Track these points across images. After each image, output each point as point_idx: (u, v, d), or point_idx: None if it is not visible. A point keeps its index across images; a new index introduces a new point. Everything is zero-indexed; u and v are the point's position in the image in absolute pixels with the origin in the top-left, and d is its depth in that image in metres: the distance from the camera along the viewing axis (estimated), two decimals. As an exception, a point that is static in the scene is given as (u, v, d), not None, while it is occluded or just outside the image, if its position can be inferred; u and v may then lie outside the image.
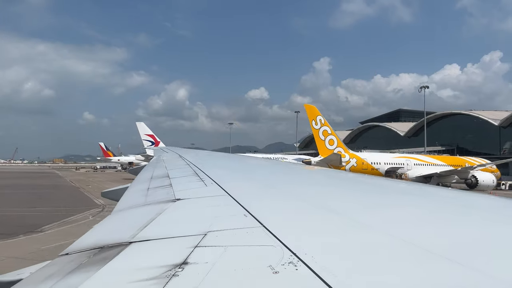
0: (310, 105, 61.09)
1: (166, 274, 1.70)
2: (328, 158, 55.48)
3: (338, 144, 58.01)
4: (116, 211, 3.91)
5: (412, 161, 61.28)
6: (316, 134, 58.14)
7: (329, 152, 56.90)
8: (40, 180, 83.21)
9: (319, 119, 57.81)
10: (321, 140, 57.75)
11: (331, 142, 57.64)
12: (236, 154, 20.89)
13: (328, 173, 7.64)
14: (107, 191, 7.47)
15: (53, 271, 2.09)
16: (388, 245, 2.01)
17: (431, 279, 1.55)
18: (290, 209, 3.14)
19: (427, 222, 2.61)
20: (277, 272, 1.64)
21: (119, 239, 2.47)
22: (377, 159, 60.42)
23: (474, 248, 2.00)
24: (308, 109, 59.64)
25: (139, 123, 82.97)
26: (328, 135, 57.88)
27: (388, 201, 3.63)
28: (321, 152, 57.85)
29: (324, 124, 57.90)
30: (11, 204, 37.11)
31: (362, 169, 56.11)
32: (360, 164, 57.33)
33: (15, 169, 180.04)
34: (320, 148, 58.09)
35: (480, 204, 3.41)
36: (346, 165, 56.21)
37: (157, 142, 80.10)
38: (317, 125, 57.77)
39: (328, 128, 58.11)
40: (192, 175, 6.06)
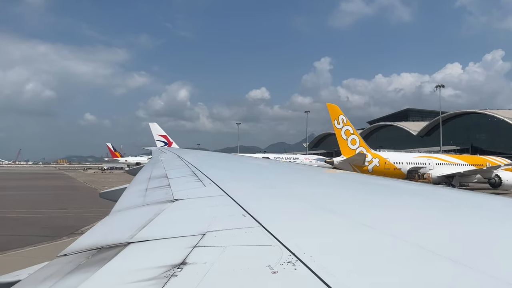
0: (332, 104, 59.85)
1: (165, 274, 1.70)
2: (351, 158, 54.83)
3: (360, 143, 57.09)
4: (115, 212, 3.90)
5: (434, 160, 60.66)
6: (338, 134, 57.17)
7: (351, 152, 56.05)
8: (53, 181, 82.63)
9: (341, 118, 56.84)
10: (343, 140, 56.83)
11: (353, 141, 56.71)
12: (234, 154, 20.82)
13: (328, 173, 7.65)
14: (106, 191, 7.47)
15: (51, 272, 2.08)
16: (388, 245, 2.02)
17: (431, 279, 1.55)
18: (289, 209, 3.15)
19: (427, 222, 2.61)
20: (276, 272, 1.64)
21: (117, 240, 2.46)
22: (399, 158, 59.65)
23: (476, 248, 2.01)
24: (330, 108, 58.49)
25: (152, 124, 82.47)
26: (350, 134, 56.95)
27: (387, 201, 3.64)
28: (343, 152, 56.94)
29: (346, 124, 56.92)
30: (34, 205, 36.65)
31: (384, 169, 55.67)
32: (383, 164, 56.67)
33: (22, 170, 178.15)
34: (342, 148, 57.08)
35: (482, 204, 3.42)
36: (369, 165, 55.57)
37: (170, 143, 79.72)
38: (339, 125, 56.83)
39: (350, 128, 57.15)
40: (191, 176, 6.06)
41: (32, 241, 20.40)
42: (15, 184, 72.63)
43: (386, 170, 56.10)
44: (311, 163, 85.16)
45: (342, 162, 55.94)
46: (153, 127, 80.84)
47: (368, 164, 55.72)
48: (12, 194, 51.31)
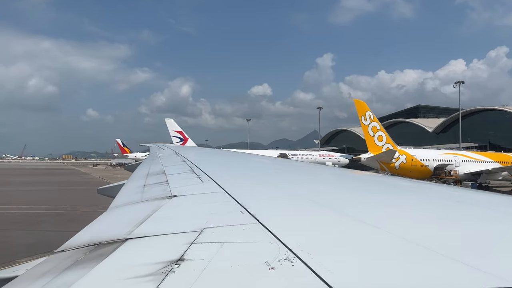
0: (359, 100, 58.98)
1: (163, 270, 1.70)
2: (379, 155, 54.26)
3: (387, 140, 56.24)
4: (112, 208, 3.90)
5: (460, 157, 59.68)
6: (365, 130, 56.32)
7: (378, 148, 55.35)
8: (69, 177, 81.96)
9: (368, 114, 55.91)
10: (370, 136, 56.04)
11: (380, 138, 55.92)
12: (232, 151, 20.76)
13: (327, 170, 7.66)
14: (103, 187, 7.45)
15: (49, 267, 2.08)
16: (385, 242, 2.02)
17: (428, 276, 1.56)
18: (286, 206, 3.15)
19: (425, 220, 2.62)
20: (273, 268, 1.64)
21: (115, 236, 2.46)
22: (426, 155, 58.83)
23: (474, 245, 2.01)
24: (358, 104, 57.57)
25: (168, 119, 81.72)
26: (377, 131, 56.10)
27: (386, 198, 3.65)
28: (370, 149, 56.24)
29: (373, 120, 56.01)
30: (67, 201, 36.11)
31: (411, 166, 55.18)
32: (410, 161, 55.92)
33: (31, 165, 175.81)
34: (370, 144, 56.29)
35: (481, 202, 3.43)
36: (396, 162, 54.90)
37: (186, 139, 79.21)
38: (366, 121, 55.88)
39: (377, 124, 56.29)
40: (189, 172, 6.05)
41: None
42: (35, 179, 71.94)
43: (413, 167, 55.58)
44: (333, 161, 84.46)
45: (369, 159, 55.30)
46: (169, 123, 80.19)
47: (395, 161, 55.00)
48: (39, 189, 50.83)
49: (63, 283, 1.78)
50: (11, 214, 28.39)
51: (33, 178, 75.46)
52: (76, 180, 71.96)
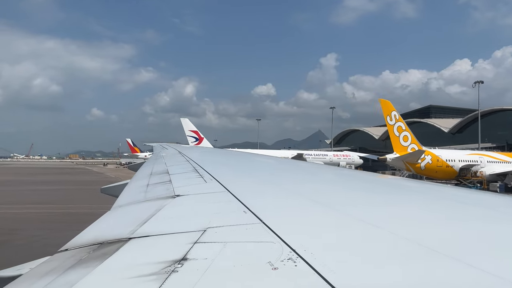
0: (385, 100, 58.29)
1: (166, 270, 1.71)
2: (405, 156, 53.72)
3: (412, 140, 55.69)
4: (116, 207, 3.91)
5: (485, 158, 59.04)
6: (390, 130, 55.78)
7: (403, 148, 54.79)
8: (83, 176, 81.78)
9: (393, 114, 55.41)
10: (396, 136, 55.48)
11: (405, 138, 55.36)
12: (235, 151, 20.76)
13: (330, 170, 7.64)
14: (107, 187, 7.47)
15: (52, 266, 2.09)
16: (389, 242, 2.02)
17: (431, 277, 1.55)
18: (290, 206, 3.15)
19: (428, 220, 2.61)
20: (276, 268, 1.64)
21: (118, 235, 2.47)
22: (451, 156, 58.35)
23: (478, 246, 2.01)
24: (383, 104, 57.05)
25: (184, 119, 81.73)
26: (402, 131, 55.52)
27: (390, 198, 3.64)
28: (396, 149, 55.67)
29: (399, 120, 55.42)
30: (94, 200, 36.23)
31: (437, 167, 54.88)
32: (435, 161, 55.55)
33: (41, 164, 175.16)
34: (395, 144, 55.76)
35: (485, 203, 3.42)
36: (421, 163, 54.46)
37: (201, 138, 79.25)
38: (392, 121, 55.33)
39: (402, 124, 55.66)
40: (192, 172, 6.06)
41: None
42: (51, 178, 72.11)
43: (438, 168, 55.26)
44: (348, 161, 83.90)
45: (395, 159, 54.77)
46: (184, 123, 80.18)
47: (420, 162, 54.52)
48: (63, 188, 51.00)
49: (67, 282, 1.79)
50: (53, 214, 28.22)
51: (47, 177, 75.50)
52: (94, 179, 72.09)
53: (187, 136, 78.98)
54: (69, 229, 22.28)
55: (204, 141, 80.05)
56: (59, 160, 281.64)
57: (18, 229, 22.54)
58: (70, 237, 2.64)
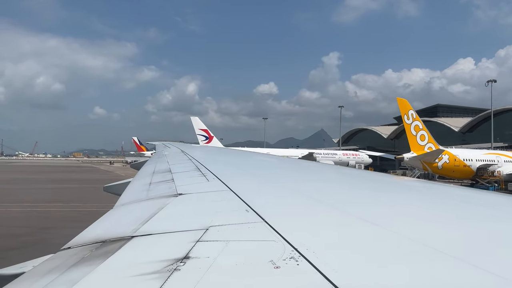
0: (402, 98, 57.69)
1: (168, 268, 1.71)
2: (423, 155, 53.38)
3: (429, 139, 55.16)
4: (118, 206, 3.92)
5: (502, 157, 58.40)
6: (407, 129, 55.16)
7: (420, 147, 54.31)
8: (91, 174, 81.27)
9: (411, 113, 54.75)
10: (413, 136, 54.86)
11: (422, 137, 54.79)
12: (237, 149, 20.76)
13: (332, 169, 7.64)
14: (109, 185, 7.49)
15: (55, 264, 2.10)
16: (391, 242, 2.01)
17: (434, 277, 1.55)
18: (292, 205, 3.15)
19: (431, 220, 2.60)
20: (278, 267, 1.64)
21: (121, 233, 2.48)
22: (468, 155, 57.67)
23: (481, 246, 2.00)
24: (400, 102, 56.46)
25: (194, 118, 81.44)
26: (419, 130, 54.91)
27: (392, 198, 3.63)
28: (413, 148, 55.16)
29: (416, 119, 54.83)
30: (112, 199, 35.81)
31: (454, 166, 54.55)
32: (452, 161, 55.08)
33: (46, 163, 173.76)
34: (412, 144, 55.20)
35: (487, 202, 3.41)
36: (439, 162, 54.15)
37: (211, 137, 79.11)
38: (409, 120, 54.65)
39: (419, 123, 55.03)
40: (194, 170, 6.07)
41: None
42: (65, 176, 71.63)
43: (456, 167, 54.95)
44: (357, 160, 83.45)
45: (412, 159, 54.34)
46: (194, 121, 79.95)
47: (438, 161, 54.21)
48: (78, 187, 51.01)
49: (70, 280, 1.79)
50: (81, 213, 27.78)
51: (63, 175, 75.20)
52: (106, 177, 71.70)
53: (197, 135, 78.86)
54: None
55: (214, 140, 79.86)
56: (64, 159, 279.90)
57: (51, 228, 22.14)
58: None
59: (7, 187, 48.35)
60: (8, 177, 67.32)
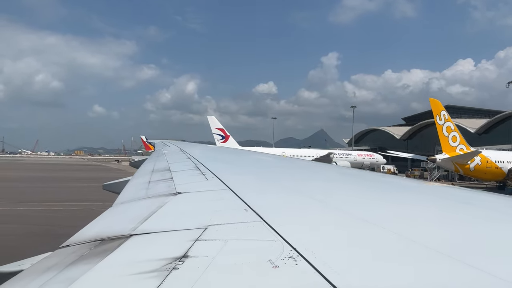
0: (434, 99, 57.00)
1: (166, 267, 1.71)
2: (456, 157, 52.97)
3: (461, 141, 54.80)
4: (117, 204, 3.92)
5: None
6: (439, 130, 54.57)
7: (452, 149, 54.00)
8: (106, 173, 79.82)
9: (443, 114, 54.28)
10: (445, 137, 54.48)
11: (454, 139, 54.40)
12: (236, 149, 20.74)
13: (331, 168, 7.64)
14: (108, 183, 7.48)
15: (54, 262, 2.10)
16: (391, 242, 2.01)
17: (433, 277, 1.55)
18: (291, 204, 3.15)
19: (430, 220, 2.61)
20: (277, 266, 1.64)
21: (120, 232, 2.47)
22: (500, 157, 57.34)
23: (480, 247, 2.00)
24: (433, 103, 55.86)
25: (210, 117, 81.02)
26: (451, 131, 54.47)
27: (391, 198, 3.63)
28: (445, 149, 54.82)
29: (448, 120, 54.32)
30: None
31: (486, 168, 54.39)
32: (484, 163, 54.70)
33: (52, 161, 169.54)
34: (444, 145, 54.86)
35: (487, 203, 3.41)
36: (471, 164, 53.83)
37: (227, 136, 78.87)
38: (441, 121, 54.15)
39: (451, 124, 54.59)
40: (194, 169, 6.07)
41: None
42: (80, 175, 70.38)
43: (487, 169, 54.70)
44: (371, 160, 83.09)
45: (444, 160, 54.17)
46: (211, 120, 79.64)
47: (470, 163, 53.90)
48: (99, 185, 50.97)
49: (68, 278, 1.79)
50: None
51: (78, 174, 74.00)
52: (121, 176, 71.40)
53: (214, 134, 78.59)
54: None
55: (230, 139, 79.58)
56: (69, 157, 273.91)
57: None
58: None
59: (43, 185, 47.66)
60: (29, 175, 65.96)
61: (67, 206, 29.40)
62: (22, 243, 16.83)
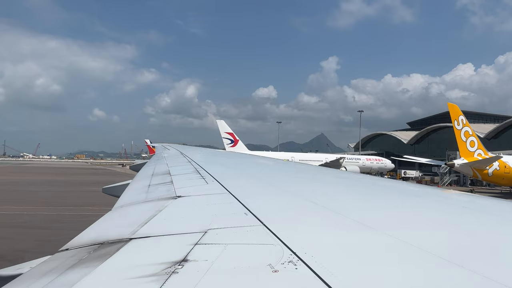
0: (452, 104, 56.62)
1: (166, 271, 1.71)
2: (473, 162, 52.60)
3: (479, 146, 54.49)
4: (117, 207, 3.91)
5: None
6: (457, 135, 54.28)
7: (470, 154, 53.66)
8: (118, 177, 79.23)
9: (461, 119, 53.91)
10: (463, 142, 54.09)
11: (472, 143, 54.11)
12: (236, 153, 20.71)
13: (331, 172, 7.63)
14: (108, 187, 7.48)
15: (53, 266, 2.09)
16: (389, 246, 2.01)
17: (431, 281, 1.54)
18: (291, 208, 3.14)
19: (429, 224, 2.60)
20: (277, 271, 1.64)
21: (119, 235, 2.47)
22: None
23: (478, 251, 2.00)
24: (451, 108, 55.57)
25: (220, 121, 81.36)
26: (469, 136, 54.10)
27: (391, 202, 3.62)
28: (463, 154, 54.51)
29: (466, 125, 53.94)
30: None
31: (504, 173, 54.13)
32: (503, 168, 54.27)
33: (57, 164, 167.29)
34: (462, 150, 54.52)
35: (485, 207, 3.40)
36: (489, 169, 53.45)
37: (236, 141, 79.11)
38: (459, 126, 53.77)
39: (469, 129, 54.24)
40: (193, 173, 6.06)
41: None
42: (93, 179, 69.17)
43: (506, 174, 54.39)
44: (380, 165, 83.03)
45: (463, 165, 53.85)
46: (220, 125, 79.98)
47: (488, 168, 53.52)
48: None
49: (67, 281, 1.79)
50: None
51: (90, 178, 73.28)
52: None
53: (223, 138, 78.93)
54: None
55: (239, 144, 79.72)
56: (71, 160, 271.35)
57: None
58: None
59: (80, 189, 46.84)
60: (45, 179, 65.19)
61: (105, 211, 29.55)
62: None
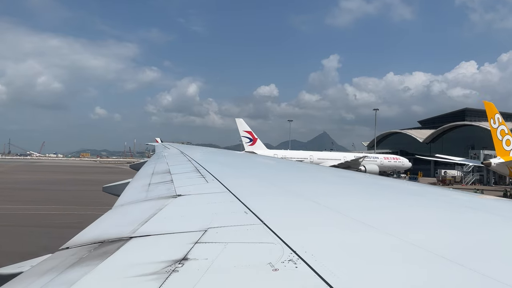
0: (488, 102, 55.53)
1: (166, 269, 1.71)
2: (510, 161, 51.71)
3: None
4: (117, 206, 3.91)
5: None
6: (494, 134, 53.17)
7: (506, 153, 52.81)
8: (132, 175, 79.23)
9: (497, 117, 52.92)
10: (499, 141, 53.08)
11: (508, 142, 53.09)
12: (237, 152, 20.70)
13: (332, 171, 7.64)
14: (108, 185, 7.48)
15: (53, 264, 2.09)
16: (389, 245, 2.01)
17: (433, 280, 1.54)
18: (291, 207, 3.14)
19: (429, 224, 2.60)
20: (277, 269, 1.64)
21: (119, 234, 2.47)
22: None
23: (479, 250, 2.00)
24: (487, 106, 54.51)
25: (238, 119, 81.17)
26: (505, 135, 53.04)
27: (391, 202, 3.62)
28: (499, 153, 53.70)
29: (502, 123, 52.92)
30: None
31: None
32: None
33: (66, 163, 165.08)
34: (498, 149, 53.69)
35: (487, 207, 3.41)
36: None
37: (255, 139, 78.99)
38: (495, 124, 52.64)
39: (505, 128, 53.11)
40: (193, 172, 6.06)
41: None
42: (116, 178, 68.93)
43: None
44: (397, 164, 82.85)
45: (499, 165, 53.31)
46: (239, 123, 79.87)
47: None
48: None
49: (67, 280, 1.79)
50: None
51: (112, 177, 71.72)
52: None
53: (242, 137, 78.95)
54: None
55: (257, 142, 79.61)
56: (78, 159, 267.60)
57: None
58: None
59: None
60: (69, 178, 64.73)
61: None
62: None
